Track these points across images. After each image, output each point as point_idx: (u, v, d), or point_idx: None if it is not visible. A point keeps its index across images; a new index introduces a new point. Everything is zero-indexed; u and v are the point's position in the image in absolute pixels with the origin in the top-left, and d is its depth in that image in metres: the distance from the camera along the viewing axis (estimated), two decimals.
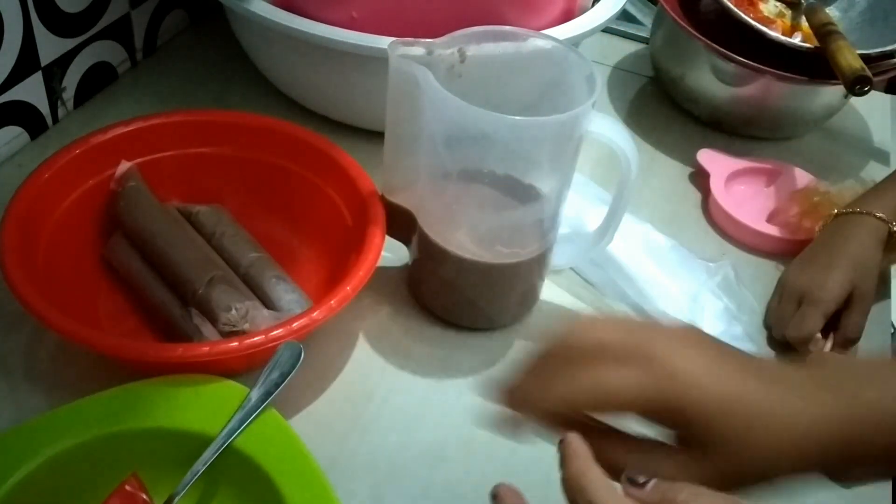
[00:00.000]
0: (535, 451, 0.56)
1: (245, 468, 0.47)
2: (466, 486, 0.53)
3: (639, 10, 1.07)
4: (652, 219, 0.72)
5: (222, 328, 0.55)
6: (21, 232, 0.54)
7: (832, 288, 0.63)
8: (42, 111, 0.73)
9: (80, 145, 0.60)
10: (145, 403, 0.48)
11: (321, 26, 0.66)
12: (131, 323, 0.59)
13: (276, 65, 0.77)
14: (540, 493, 0.53)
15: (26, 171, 0.58)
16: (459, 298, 0.61)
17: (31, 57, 0.70)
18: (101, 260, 0.61)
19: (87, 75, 0.77)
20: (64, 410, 0.48)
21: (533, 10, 0.72)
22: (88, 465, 0.47)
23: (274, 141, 0.65)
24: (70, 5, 0.72)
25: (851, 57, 0.74)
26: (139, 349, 0.52)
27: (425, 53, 0.53)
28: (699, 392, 0.35)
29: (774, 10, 0.88)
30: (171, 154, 0.64)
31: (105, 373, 0.52)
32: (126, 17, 0.80)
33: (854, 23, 0.88)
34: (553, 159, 0.56)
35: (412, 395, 0.58)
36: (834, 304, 0.62)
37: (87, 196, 0.60)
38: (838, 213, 0.68)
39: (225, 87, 0.83)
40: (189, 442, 0.47)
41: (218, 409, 0.48)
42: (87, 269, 0.60)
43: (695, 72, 0.85)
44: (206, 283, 0.56)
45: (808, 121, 0.87)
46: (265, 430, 0.48)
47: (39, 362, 0.56)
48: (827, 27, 0.79)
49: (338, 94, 0.74)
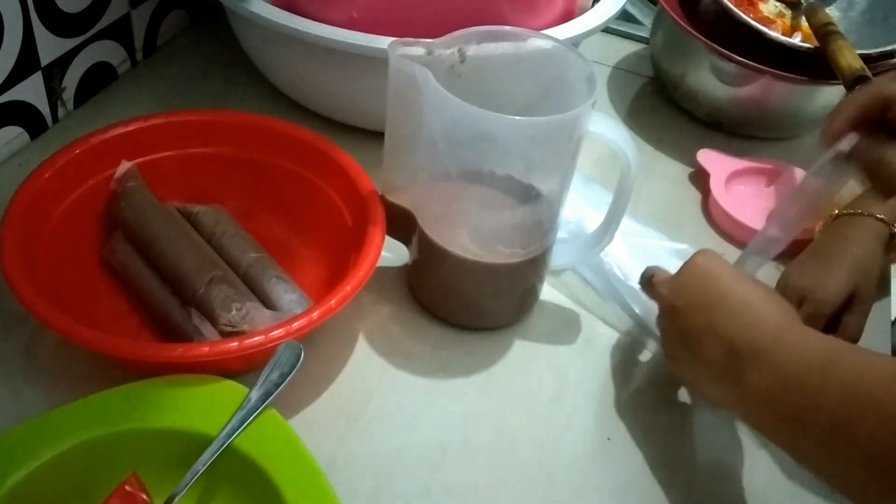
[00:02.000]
0: (535, 450, 0.56)
1: (245, 468, 0.47)
2: (466, 486, 0.53)
3: (639, 10, 1.07)
4: (652, 219, 0.72)
5: (222, 328, 0.55)
6: (21, 232, 0.54)
7: (833, 289, 0.63)
8: (42, 111, 0.74)
9: (80, 145, 0.60)
10: (145, 403, 0.48)
11: (321, 26, 0.66)
12: (131, 323, 0.59)
13: (277, 65, 0.77)
14: (540, 492, 0.54)
15: (26, 171, 0.58)
16: (459, 298, 0.61)
17: (31, 57, 0.70)
18: (101, 260, 0.61)
19: (87, 75, 0.77)
20: (64, 410, 0.48)
21: (533, 10, 0.72)
22: (88, 465, 0.47)
23: (274, 141, 0.65)
24: (70, 5, 0.72)
25: (851, 57, 0.74)
26: (139, 349, 0.52)
27: (425, 53, 0.53)
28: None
29: (774, 11, 0.88)
30: (171, 154, 0.64)
31: (105, 373, 0.52)
32: (126, 17, 0.80)
33: (854, 23, 0.88)
34: (553, 159, 0.56)
35: (412, 395, 0.58)
36: (834, 306, 0.63)
37: (87, 196, 0.60)
38: (838, 213, 0.68)
39: (225, 87, 0.83)
40: (189, 442, 0.47)
41: (218, 409, 0.48)
42: (87, 269, 0.60)
43: (695, 72, 0.85)
44: (206, 284, 0.56)
45: (808, 121, 0.87)
46: (265, 430, 0.48)
47: (39, 362, 0.56)
48: (827, 27, 0.79)
49: (338, 94, 0.74)
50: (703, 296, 0.51)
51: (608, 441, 0.57)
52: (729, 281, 0.51)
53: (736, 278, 0.52)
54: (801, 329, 0.48)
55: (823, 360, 0.44)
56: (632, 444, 0.57)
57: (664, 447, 0.56)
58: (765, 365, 0.46)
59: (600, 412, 0.59)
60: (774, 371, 0.45)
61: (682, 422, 0.59)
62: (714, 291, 0.51)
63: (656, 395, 0.60)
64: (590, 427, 0.57)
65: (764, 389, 0.46)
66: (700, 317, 0.51)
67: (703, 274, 0.53)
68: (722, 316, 0.50)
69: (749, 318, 0.49)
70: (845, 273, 0.63)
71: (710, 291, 0.51)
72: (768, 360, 0.46)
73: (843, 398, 0.41)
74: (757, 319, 0.48)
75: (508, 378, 0.60)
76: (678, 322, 0.52)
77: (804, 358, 0.45)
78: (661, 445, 0.57)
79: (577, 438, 0.57)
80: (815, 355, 0.45)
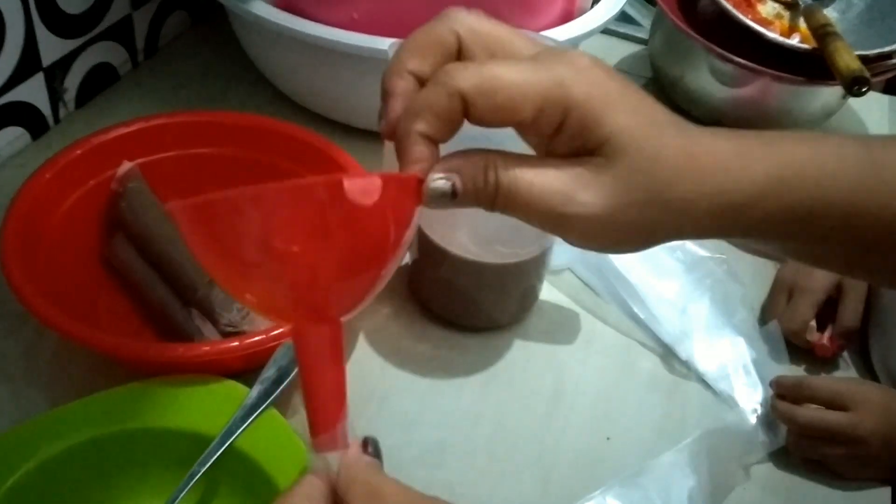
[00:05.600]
0: (535, 450, 0.56)
1: (245, 468, 0.47)
2: (466, 486, 0.53)
3: (637, 12, 1.07)
4: None
5: (223, 328, 0.55)
6: (22, 232, 0.54)
7: (819, 276, 0.64)
8: (44, 112, 0.74)
9: (82, 146, 0.60)
10: (145, 403, 0.49)
11: (321, 27, 0.66)
12: (132, 323, 0.59)
13: (277, 66, 0.77)
14: (539, 490, 0.54)
15: (28, 171, 0.58)
16: (459, 298, 0.61)
17: (33, 58, 0.70)
18: (103, 260, 0.61)
19: (89, 76, 0.77)
20: (64, 410, 0.48)
21: (532, 11, 0.72)
22: (88, 465, 0.47)
23: (275, 141, 0.65)
24: (72, 6, 0.72)
25: (849, 58, 0.74)
26: (139, 349, 0.52)
27: None
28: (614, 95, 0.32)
29: (772, 12, 0.88)
30: (172, 154, 0.64)
31: (105, 373, 0.53)
32: (127, 18, 0.80)
33: (852, 24, 0.88)
34: None
35: (412, 395, 0.58)
36: (823, 293, 0.63)
37: (88, 196, 0.60)
38: None
39: (226, 88, 0.83)
40: (189, 442, 0.47)
41: (218, 409, 0.48)
42: (88, 269, 0.60)
43: (693, 73, 0.85)
44: (207, 284, 0.56)
45: (806, 121, 0.87)
46: (265, 430, 0.48)
47: (40, 362, 0.56)
48: (825, 28, 0.79)
49: (338, 94, 0.74)
50: None
51: (608, 441, 0.57)
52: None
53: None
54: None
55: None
56: (630, 443, 0.57)
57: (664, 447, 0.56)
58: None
59: (599, 412, 0.59)
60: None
61: (680, 420, 0.59)
62: None
63: (656, 394, 0.61)
64: (589, 427, 0.57)
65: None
66: None
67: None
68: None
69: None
70: None
71: None
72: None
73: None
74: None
75: (508, 378, 0.60)
76: None
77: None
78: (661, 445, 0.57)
79: (576, 438, 0.57)
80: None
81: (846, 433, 0.55)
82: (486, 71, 0.31)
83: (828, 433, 0.55)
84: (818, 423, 0.56)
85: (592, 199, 0.32)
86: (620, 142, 0.32)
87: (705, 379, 0.61)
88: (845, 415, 0.55)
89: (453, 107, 0.31)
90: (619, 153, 0.32)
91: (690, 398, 0.61)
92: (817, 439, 0.56)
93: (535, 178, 0.32)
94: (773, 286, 0.67)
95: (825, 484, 0.57)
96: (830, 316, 0.64)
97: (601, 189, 0.32)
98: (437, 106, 0.32)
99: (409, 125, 0.32)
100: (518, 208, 0.33)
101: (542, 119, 0.32)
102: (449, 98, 0.31)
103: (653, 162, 0.32)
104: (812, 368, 0.64)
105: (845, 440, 0.55)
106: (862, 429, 0.55)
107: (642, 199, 0.32)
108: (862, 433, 0.55)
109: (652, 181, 0.32)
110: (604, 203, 0.32)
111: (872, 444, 0.55)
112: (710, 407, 0.60)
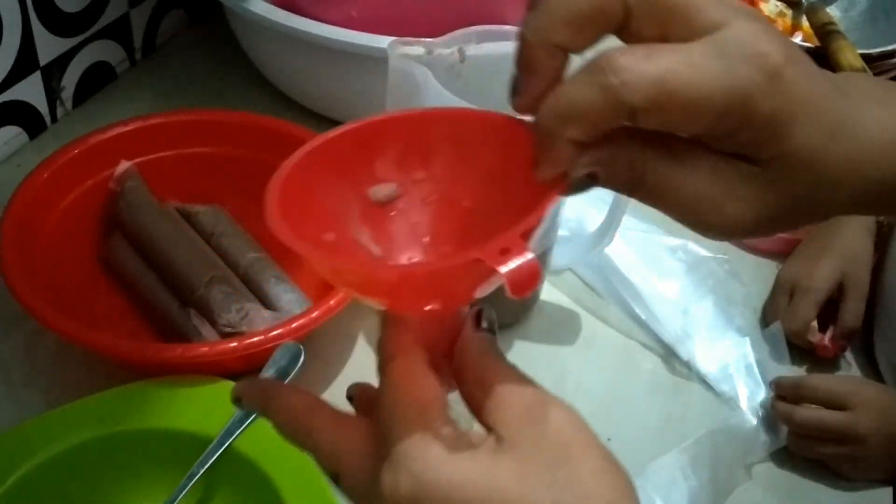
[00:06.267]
0: None
1: (245, 469, 0.47)
2: None
3: None
4: (652, 219, 0.72)
5: (221, 329, 0.55)
6: (20, 232, 0.54)
7: (820, 276, 0.64)
8: (41, 111, 0.73)
9: (79, 145, 0.60)
10: (145, 404, 0.48)
11: (321, 26, 0.66)
12: (130, 323, 0.59)
13: (276, 64, 0.77)
14: None
15: (25, 170, 0.58)
16: None
17: (30, 56, 0.70)
18: (100, 260, 0.61)
19: (86, 75, 0.77)
20: (64, 410, 0.48)
21: None
22: (87, 465, 0.47)
23: (273, 140, 0.64)
24: (69, 5, 0.72)
25: (852, 56, 0.74)
26: (138, 349, 0.52)
27: (425, 53, 0.53)
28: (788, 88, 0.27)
29: (775, 10, 0.88)
30: (170, 154, 0.64)
31: (105, 373, 0.52)
32: (125, 16, 0.80)
33: (855, 22, 0.88)
34: None
35: None
36: (824, 293, 0.63)
37: (86, 196, 0.60)
38: None
39: (224, 87, 0.83)
40: (189, 442, 0.47)
41: (218, 410, 0.48)
42: (86, 269, 0.60)
43: None
44: (205, 284, 0.56)
45: None
46: (265, 431, 0.47)
47: (39, 362, 0.56)
48: (827, 27, 0.79)
49: (337, 93, 0.73)
50: None
51: (609, 442, 0.56)
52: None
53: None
54: None
55: None
56: (632, 444, 0.56)
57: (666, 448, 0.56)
58: None
59: (600, 412, 0.58)
60: None
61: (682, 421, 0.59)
62: None
63: (658, 395, 0.60)
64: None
65: None
66: None
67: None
68: None
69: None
70: (832, 261, 0.64)
71: None
72: None
73: None
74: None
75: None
76: None
77: None
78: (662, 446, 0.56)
79: None
80: None
81: (845, 433, 0.55)
82: (659, 76, 0.26)
83: (827, 433, 0.55)
84: (817, 422, 0.56)
85: (743, 211, 0.29)
86: (791, 163, 0.29)
87: (707, 379, 0.61)
88: (844, 414, 0.55)
89: (618, 119, 0.27)
90: (787, 171, 0.29)
91: (692, 399, 0.60)
92: (817, 439, 0.56)
93: (685, 183, 0.29)
94: (774, 286, 0.67)
95: (826, 484, 0.56)
96: (832, 316, 0.64)
97: (756, 201, 0.29)
98: (595, 115, 0.27)
99: (559, 129, 0.27)
100: (659, 207, 0.30)
101: (710, 129, 0.28)
102: (615, 112, 0.26)
103: (818, 176, 0.29)
104: (814, 369, 0.64)
105: (844, 440, 0.55)
106: (861, 428, 0.55)
107: (793, 206, 0.30)
108: (861, 433, 0.55)
109: (812, 194, 0.30)
110: (755, 214, 0.30)
111: (872, 443, 0.55)
112: (712, 408, 0.60)
